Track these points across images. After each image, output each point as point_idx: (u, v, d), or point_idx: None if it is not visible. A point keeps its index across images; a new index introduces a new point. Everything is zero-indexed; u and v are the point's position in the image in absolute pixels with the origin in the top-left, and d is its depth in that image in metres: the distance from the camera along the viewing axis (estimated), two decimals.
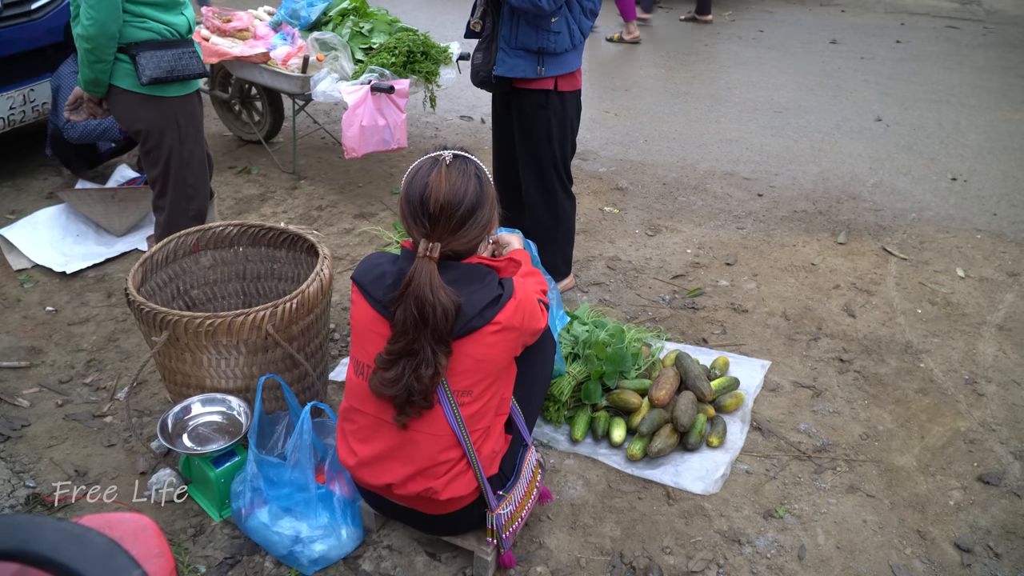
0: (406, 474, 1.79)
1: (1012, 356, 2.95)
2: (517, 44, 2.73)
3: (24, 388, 2.73)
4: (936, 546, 2.15)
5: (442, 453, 1.77)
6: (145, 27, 2.54)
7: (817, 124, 5.28)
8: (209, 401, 2.24)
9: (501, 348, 1.74)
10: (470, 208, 1.69)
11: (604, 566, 2.08)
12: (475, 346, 1.71)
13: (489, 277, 1.76)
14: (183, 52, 2.61)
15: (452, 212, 1.67)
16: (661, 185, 4.37)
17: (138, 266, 2.34)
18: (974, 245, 3.74)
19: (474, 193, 1.70)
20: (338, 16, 4.14)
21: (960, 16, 8.24)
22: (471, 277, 1.74)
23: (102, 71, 2.54)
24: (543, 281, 2.08)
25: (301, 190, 4.25)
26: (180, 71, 2.60)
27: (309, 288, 2.22)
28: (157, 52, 2.54)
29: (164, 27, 2.58)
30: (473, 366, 1.73)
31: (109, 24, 2.43)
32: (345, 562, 2.06)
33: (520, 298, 1.75)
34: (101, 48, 2.47)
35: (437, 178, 1.68)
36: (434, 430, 1.76)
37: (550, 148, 2.90)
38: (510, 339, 1.75)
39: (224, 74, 4.54)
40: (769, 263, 3.58)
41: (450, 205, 1.67)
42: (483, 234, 1.77)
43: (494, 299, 1.71)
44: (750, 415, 2.60)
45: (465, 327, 1.69)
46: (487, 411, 1.80)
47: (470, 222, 1.70)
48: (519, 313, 1.74)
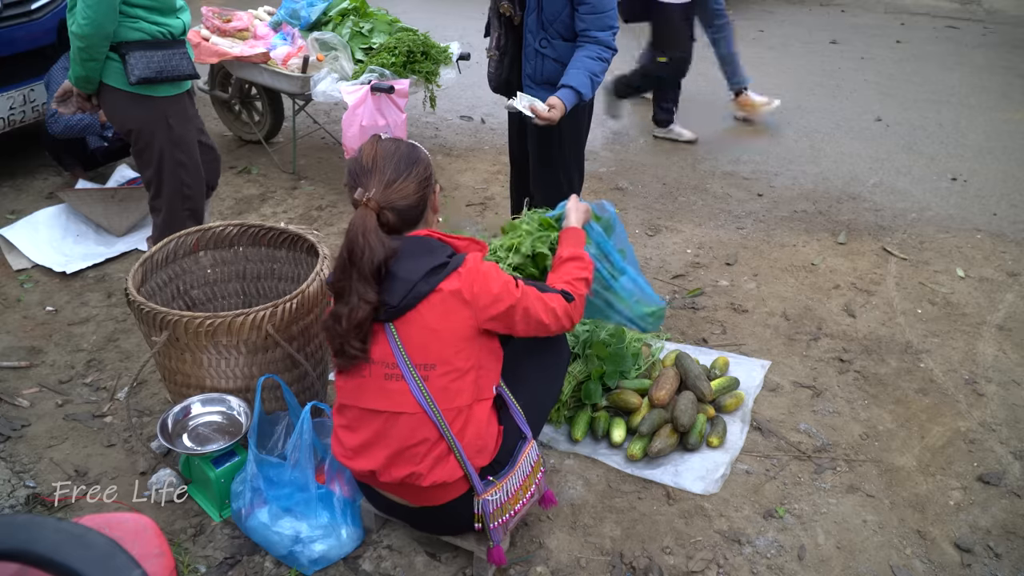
0: (386, 456, 1.80)
1: (1012, 356, 2.95)
2: (543, 79, 2.72)
3: (24, 388, 2.73)
4: (936, 546, 2.15)
5: (416, 431, 1.78)
6: (137, 27, 2.54)
7: (817, 124, 5.28)
8: (209, 401, 2.24)
9: (455, 318, 1.75)
10: (402, 159, 1.80)
11: (604, 566, 2.08)
12: (427, 315, 1.74)
13: (440, 249, 1.80)
14: (174, 53, 2.62)
15: (385, 163, 1.79)
16: (661, 185, 4.37)
17: (138, 266, 2.34)
18: (974, 245, 3.74)
19: (407, 150, 1.83)
20: (338, 16, 4.14)
21: (960, 16, 8.24)
22: (419, 248, 1.79)
23: (93, 69, 2.56)
24: (586, 267, 2.01)
25: (301, 190, 4.25)
26: (169, 72, 2.61)
27: (309, 288, 2.22)
28: (147, 52, 2.56)
29: (157, 28, 2.59)
30: (429, 337, 1.75)
31: (105, 24, 2.44)
32: (345, 562, 2.06)
33: (470, 267, 1.77)
34: (94, 47, 2.49)
35: (369, 143, 1.86)
36: (405, 408, 1.77)
37: (562, 153, 2.90)
38: (459, 308, 1.75)
39: (224, 74, 4.54)
40: (769, 263, 3.58)
41: (381, 155, 1.80)
42: (424, 193, 1.82)
43: (439, 265, 1.75)
44: (750, 415, 2.60)
45: (411, 293, 1.72)
46: (461, 389, 1.79)
47: (404, 173, 1.79)
48: (467, 280, 1.76)
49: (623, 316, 2.32)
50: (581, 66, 2.56)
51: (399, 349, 1.75)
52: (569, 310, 1.89)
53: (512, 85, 2.87)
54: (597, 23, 2.55)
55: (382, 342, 1.77)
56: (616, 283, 2.22)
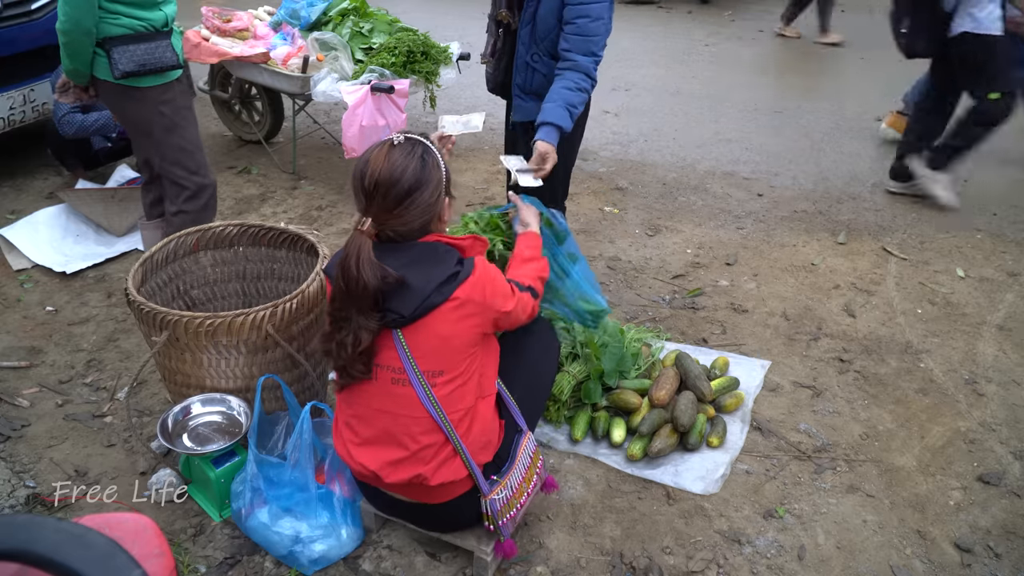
0: (392, 456, 1.80)
1: (1012, 356, 2.95)
2: (531, 90, 2.70)
3: (24, 388, 2.73)
4: (936, 546, 2.15)
5: (423, 436, 1.78)
6: (118, 23, 2.60)
7: (817, 124, 5.28)
8: (209, 401, 2.24)
9: (465, 324, 1.75)
10: (407, 189, 1.70)
11: (604, 566, 2.08)
12: (438, 324, 1.73)
13: (448, 256, 1.78)
14: (156, 45, 2.67)
15: (387, 190, 1.70)
16: (661, 185, 4.37)
17: (138, 266, 2.34)
18: (974, 245, 3.74)
19: (413, 174, 1.71)
20: (338, 16, 4.14)
21: None
22: (428, 257, 1.76)
23: (81, 63, 2.65)
24: (544, 268, 2.12)
25: (301, 190, 4.25)
26: (152, 64, 2.66)
27: (309, 288, 2.22)
28: (129, 47, 2.62)
29: (138, 22, 2.64)
30: (439, 345, 1.74)
31: (83, 21, 2.52)
32: (345, 562, 2.06)
33: (480, 274, 1.77)
34: (76, 42, 2.58)
35: (378, 155, 1.73)
36: (411, 412, 1.77)
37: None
38: (472, 314, 1.76)
39: (224, 74, 4.54)
40: (769, 263, 3.58)
41: (385, 183, 1.69)
42: (426, 216, 1.77)
43: (451, 276, 1.73)
44: (750, 415, 2.60)
45: (424, 305, 1.71)
46: (465, 393, 1.80)
47: (407, 202, 1.71)
48: (479, 287, 1.76)
49: (562, 309, 2.45)
50: (559, 99, 2.50)
51: (407, 356, 1.75)
52: (535, 307, 2.02)
53: (507, 89, 2.86)
54: (580, 46, 2.49)
55: (389, 347, 1.76)
56: (560, 282, 2.40)
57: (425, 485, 1.82)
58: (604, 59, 2.61)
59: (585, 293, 2.43)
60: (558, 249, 2.38)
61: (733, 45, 7.18)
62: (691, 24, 7.88)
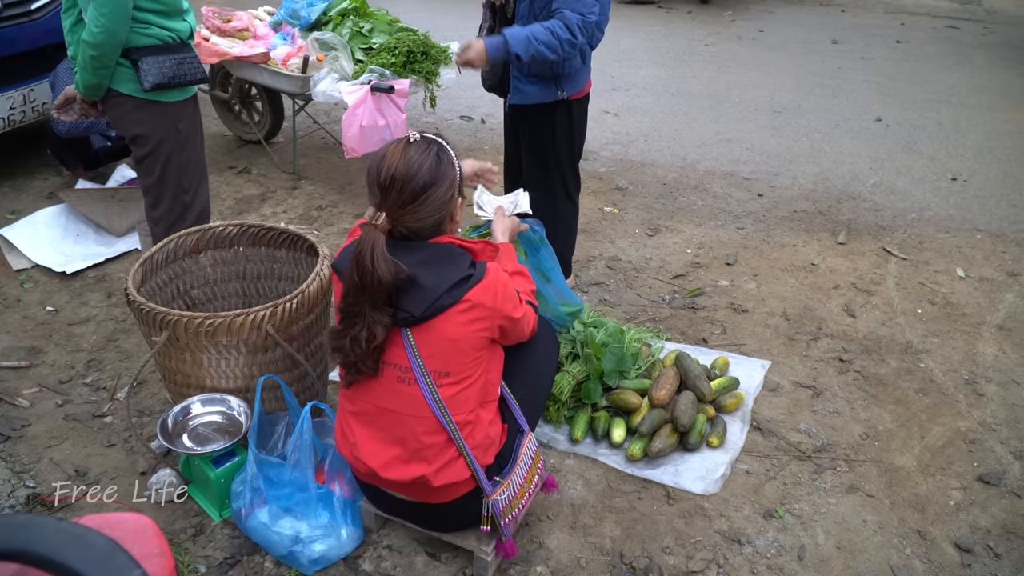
0: (394, 456, 1.81)
1: (1012, 356, 2.95)
2: (529, 73, 2.71)
3: (24, 388, 2.73)
4: (936, 546, 2.15)
5: (427, 436, 1.79)
6: (148, 33, 2.52)
7: (817, 124, 5.28)
8: (209, 401, 2.24)
9: (474, 328, 1.75)
10: (422, 185, 1.71)
11: (604, 566, 2.08)
12: (447, 326, 1.73)
13: (461, 258, 1.78)
14: (184, 57, 2.60)
15: (403, 185, 1.70)
16: (661, 185, 4.37)
17: (138, 266, 2.34)
18: (974, 245, 3.74)
19: (428, 171, 1.72)
20: (338, 16, 4.14)
21: (960, 16, 8.24)
22: (441, 258, 1.76)
23: (105, 76, 2.52)
24: (530, 281, 2.12)
25: (301, 190, 4.25)
26: (181, 77, 2.59)
27: (309, 288, 2.22)
28: (159, 58, 2.53)
29: (167, 33, 2.57)
30: (448, 346, 1.75)
31: (119, 31, 2.41)
32: (345, 562, 2.06)
33: (492, 279, 1.77)
34: (107, 55, 2.45)
35: (395, 151, 1.74)
36: (415, 411, 1.78)
37: (554, 153, 2.89)
38: (482, 318, 1.76)
39: (224, 74, 4.54)
40: (769, 263, 3.58)
41: (400, 177, 1.70)
42: (440, 214, 1.78)
43: (464, 278, 1.73)
44: (750, 415, 2.60)
45: (434, 306, 1.71)
46: (470, 395, 1.80)
47: (422, 198, 1.72)
48: (490, 292, 1.76)
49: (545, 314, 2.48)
50: (527, 28, 2.50)
51: (415, 355, 1.75)
52: (536, 322, 2.03)
53: (506, 86, 2.87)
54: (569, 4, 2.51)
55: (397, 345, 1.77)
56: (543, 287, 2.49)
57: (428, 485, 1.82)
58: (604, 59, 2.62)
59: (565, 296, 2.52)
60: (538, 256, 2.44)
61: (733, 45, 7.18)
62: (691, 24, 7.88)
